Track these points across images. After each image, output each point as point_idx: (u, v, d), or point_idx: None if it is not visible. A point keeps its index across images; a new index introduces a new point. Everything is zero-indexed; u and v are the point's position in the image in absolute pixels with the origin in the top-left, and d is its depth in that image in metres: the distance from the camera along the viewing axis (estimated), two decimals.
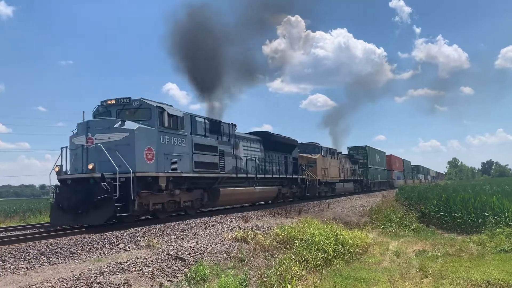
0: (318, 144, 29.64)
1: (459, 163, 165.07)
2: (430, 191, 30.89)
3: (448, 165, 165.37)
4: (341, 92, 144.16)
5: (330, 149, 31.81)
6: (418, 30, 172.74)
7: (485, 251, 12.55)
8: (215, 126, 16.66)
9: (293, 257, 9.92)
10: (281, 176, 22.08)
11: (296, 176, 24.03)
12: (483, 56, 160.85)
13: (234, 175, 17.30)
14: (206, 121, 16.05)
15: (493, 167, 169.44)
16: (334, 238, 12.07)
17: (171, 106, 14.28)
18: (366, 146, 44.20)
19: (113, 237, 9.86)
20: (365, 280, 9.56)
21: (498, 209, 17.32)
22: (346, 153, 41.68)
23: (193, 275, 7.54)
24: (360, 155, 42.48)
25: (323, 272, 10.02)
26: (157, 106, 13.13)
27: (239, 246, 10.22)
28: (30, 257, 7.59)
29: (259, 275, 8.62)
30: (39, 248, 8.22)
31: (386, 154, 55.45)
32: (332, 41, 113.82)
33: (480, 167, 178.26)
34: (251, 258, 9.64)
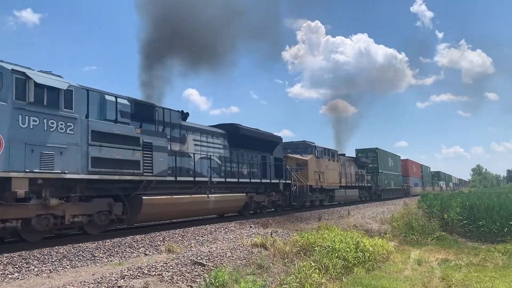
0: (312, 143, 25.30)
1: (483, 170, 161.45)
2: (454, 198, 30.27)
3: (472, 172, 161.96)
4: (361, 97, 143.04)
5: (328, 149, 27.38)
6: (440, 35, 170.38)
7: (510, 261, 12.23)
8: (144, 111, 12.52)
9: (313, 264, 9.83)
10: (253, 180, 17.44)
11: (277, 181, 19.55)
12: (508, 61, 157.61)
13: (170, 178, 12.83)
14: (124, 102, 11.63)
15: None
16: (354, 245, 11.93)
17: (50, 72, 10.07)
18: (376, 148, 39.20)
19: (134, 241, 9.96)
20: None
21: None
22: (354, 155, 37.23)
23: (213, 280, 7.54)
24: (369, 159, 37.55)
25: (344, 280, 9.91)
26: (12, 70, 8.89)
27: (258, 252, 10.21)
28: (53, 260, 7.72)
29: (278, 282, 8.57)
30: (62, 251, 8.37)
31: (402, 158, 51.06)
32: (353, 46, 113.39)
33: (505, 175, 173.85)
34: (270, 265, 9.60)
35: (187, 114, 14.85)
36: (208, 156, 15.15)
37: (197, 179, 14.21)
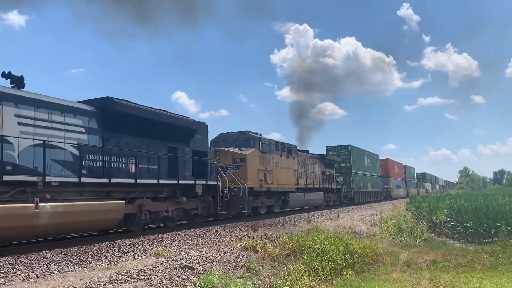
0: (257, 134, 20.38)
1: (470, 172, 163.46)
2: (441, 200, 30.56)
3: (459, 174, 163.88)
4: (350, 100, 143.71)
5: (281, 143, 22.28)
6: (427, 39, 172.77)
7: (498, 262, 12.37)
8: None
9: (302, 267, 9.84)
10: (142, 181, 12.35)
11: (191, 182, 14.38)
12: (494, 65, 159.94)
13: None
14: None
15: (505, 176, 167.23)
16: (344, 247, 11.98)
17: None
18: (349, 145, 34.57)
19: (123, 245, 9.88)
20: None
21: (511, 219, 17.06)
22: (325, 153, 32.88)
23: (202, 284, 7.51)
24: (341, 157, 33.48)
25: (333, 282, 9.94)
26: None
27: (248, 255, 10.19)
28: (40, 265, 7.62)
29: (268, 285, 8.57)
30: (49, 256, 8.26)
31: (381, 158, 46.79)
32: (341, 50, 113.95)
33: (491, 177, 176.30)
34: (260, 268, 9.59)
35: (12, 75, 10.11)
36: (50, 142, 10.01)
37: (12, 178, 9.02)
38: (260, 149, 19.81)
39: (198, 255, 9.46)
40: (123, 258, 8.80)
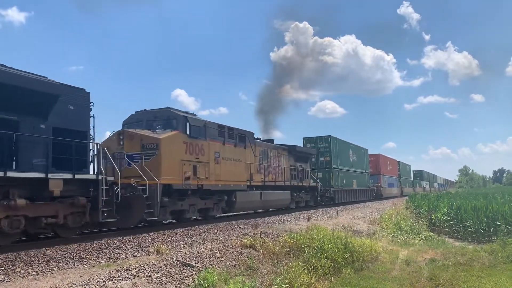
0: (185, 113, 15.15)
1: (470, 171, 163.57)
2: (441, 199, 30.60)
3: (458, 173, 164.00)
4: (349, 98, 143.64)
5: (228, 128, 17.17)
6: (427, 37, 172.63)
7: (497, 261, 12.39)
8: None
9: (302, 265, 9.86)
10: None
11: (40, 175, 9.18)
12: (494, 63, 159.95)
13: None
14: None
15: (504, 175, 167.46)
16: (343, 245, 11.99)
17: None
18: (329, 136, 29.71)
19: (122, 243, 9.89)
20: None
21: (510, 218, 17.11)
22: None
23: (202, 281, 7.51)
24: (321, 150, 29.22)
25: (332, 280, 9.96)
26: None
27: (247, 253, 10.20)
28: (40, 262, 7.63)
29: (267, 283, 8.58)
30: (49, 253, 8.27)
31: (371, 153, 42.30)
32: (341, 48, 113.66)
33: (491, 175, 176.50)
34: (260, 266, 9.60)
35: None
36: None
37: None
38: (187, 132, 14.43)
39: (198, 252, 9.46)
40: (122, 256, 8.81)
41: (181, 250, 9.81)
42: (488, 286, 9.30)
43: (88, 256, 8.40)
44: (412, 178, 68.46)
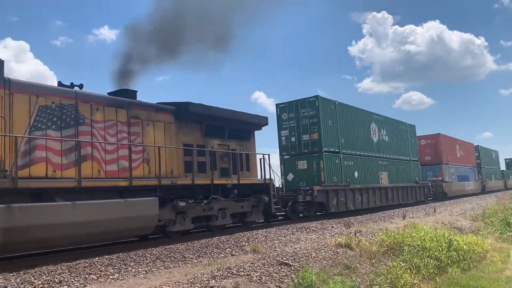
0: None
1: None
2: None
3: None
4: (437, 88, 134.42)
5: None
6: None
7: None
8: None
9: (402, 264, 9.39)
10: None
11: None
12: None
13: None
14: None
15: None
16: (447, 244, 11.23)
17: None
18: (316, 97, 17.99)
19: (220, 242, 10.21)
20: None
21: None
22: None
23: (300, 281, 7.48)
24: (303, 121, 18.12)
25: (438, 280, 9.36)
26: None
27: (343, 252, 9.97)
28: (148, 261, 8.13)
29: (367, 283, 8.32)
30: (155, 253, 8.79)
31: (428, 134, 32.40)
32: (424, 35, 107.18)
33: None
34: (357, 265, 9.33)
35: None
36: None
37: None
38: None
39: (293, 251, 9.45)
40: (221, 255, 9.09)
41: (276, 249, 9.87)
42: None
43: (190, 256, 8.78)
44: (503, 169, 55.84)
